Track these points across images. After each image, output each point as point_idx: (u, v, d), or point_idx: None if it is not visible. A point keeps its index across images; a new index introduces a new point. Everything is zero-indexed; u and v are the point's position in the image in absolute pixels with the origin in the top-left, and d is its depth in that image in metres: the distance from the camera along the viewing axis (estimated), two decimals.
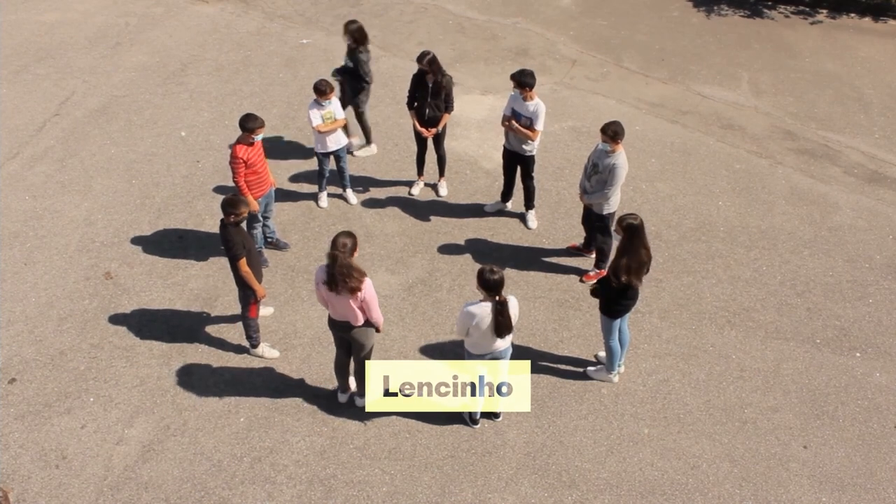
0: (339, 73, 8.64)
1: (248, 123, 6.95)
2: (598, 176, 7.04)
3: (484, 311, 5.51)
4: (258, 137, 7.04)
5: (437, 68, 7.86)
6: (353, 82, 8.62)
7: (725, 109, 10.30)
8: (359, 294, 5.62)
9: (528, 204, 8.28)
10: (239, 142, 7.04)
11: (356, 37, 8.43)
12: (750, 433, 6.38)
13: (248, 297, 6.52)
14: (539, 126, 7.53)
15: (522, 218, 8.38)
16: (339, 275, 5.51)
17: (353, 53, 8.50)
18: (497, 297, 5.48)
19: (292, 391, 6.62)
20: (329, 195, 8.58)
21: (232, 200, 6.16)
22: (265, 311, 7.09)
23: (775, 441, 6.33)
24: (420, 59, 7.79)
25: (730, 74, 10.99)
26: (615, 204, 7.24)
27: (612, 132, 6.75)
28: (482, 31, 11.90)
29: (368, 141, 9.24)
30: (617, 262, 5.97)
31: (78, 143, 9.37)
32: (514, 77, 7.43)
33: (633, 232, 5.91)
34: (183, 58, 11.09)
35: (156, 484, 5.92)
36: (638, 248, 5.94)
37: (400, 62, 11.01)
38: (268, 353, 6.89)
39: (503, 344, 5.75)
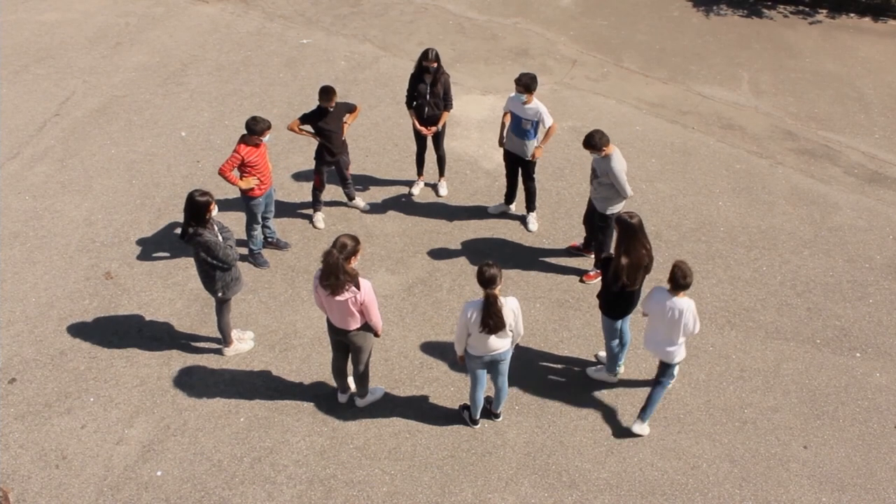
0: None
1: (256, 126, 6.96)
2: (598, 180, 7.07)
3: (479, 307, 5.51)
4: (263, 140, 7.06)
5: (440, 64, 7.87)
6: None
7: (725, 109, 10.31)
8: (357, 297, 5.62)
9: (529, 206, 8.27)
10: (244, 141, 7.03)
11: None
12: (750, 433, 6.38)
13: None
14: (549, 121, 7.57)
15: (523, 220, 8.38)
16: (325, 273, 5.51)
17: None
18: (487, 292, 5.46)
19: (292, 391, 6.62)
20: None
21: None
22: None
23: (775, 441, 6.33)
24: (426, 56, 7.76)
25: (730, 74, 10.99)
26: (620, 203, 7.24)
27: (590, 145, 6.85)
28: (482, 31, 11.91)
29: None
30: (617, 264, 5.95)
31: (78, 143, 9.38)
32: (522, 82, 7.37)
33: (627, 229, 5.89)
34: (183, 58, 11.09)
35: (156, 484, 5.92)
36: (636, 248, 5.92)
37: (400, 62, 11.01)
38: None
39: (501, 344, 5.74)
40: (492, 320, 5.50)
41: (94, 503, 5.82)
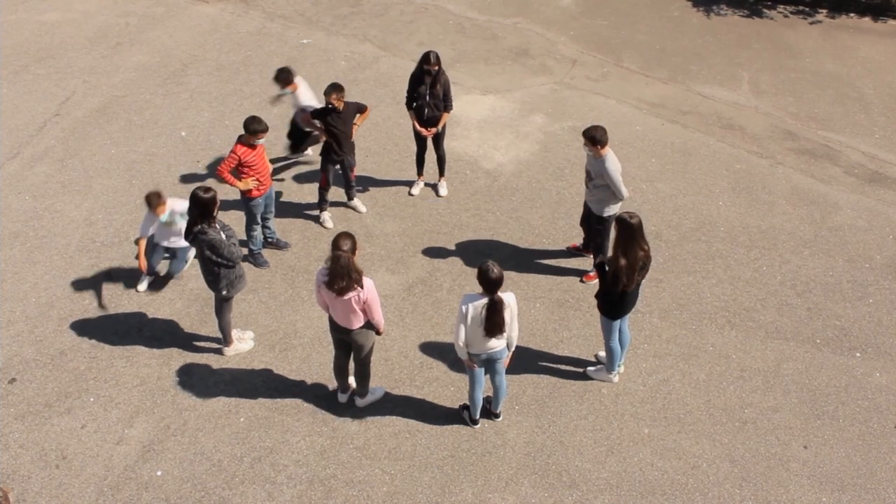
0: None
1: (251, 126, 6.97)
2: (593, 182, 7.06)
3: (481, 305, 5.52)
4: (259, 142, 7.07)
5: (441, 66, 7.88)
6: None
7: (725, 109, 10.31)
8: (360, 295, 5.63)
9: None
10: (240, 141, 7.06)
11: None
12: (750, 433, 6.38)
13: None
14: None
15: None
16: (337, 275, 5.51)
17: None
18: (493, 296, 5.48)
19: (292, 391, 6.62)
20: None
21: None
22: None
23: (775, 441, 6.33)
24: (427, 59, 7.77)
25: (730, 74, 10.99)
26: (616, 206, 7.23)
27: (590, 137, 6.80)
28: (482, 31, 11.91)
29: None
30: (616, 265, 5.95)
31: (78, 143, 9.38)
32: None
33: (626, 230, 5.89)
34: (183, 58, 11.09)
35: (156, 484, 5.93)
36: (634, 248, 5.92)
37: (400, 62, 11.01)
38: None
39: (497, 343, 5.75)
40: (494, 325, 5.54)
41: (94, 503, 5.82)
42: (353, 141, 7.88)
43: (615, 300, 6.13)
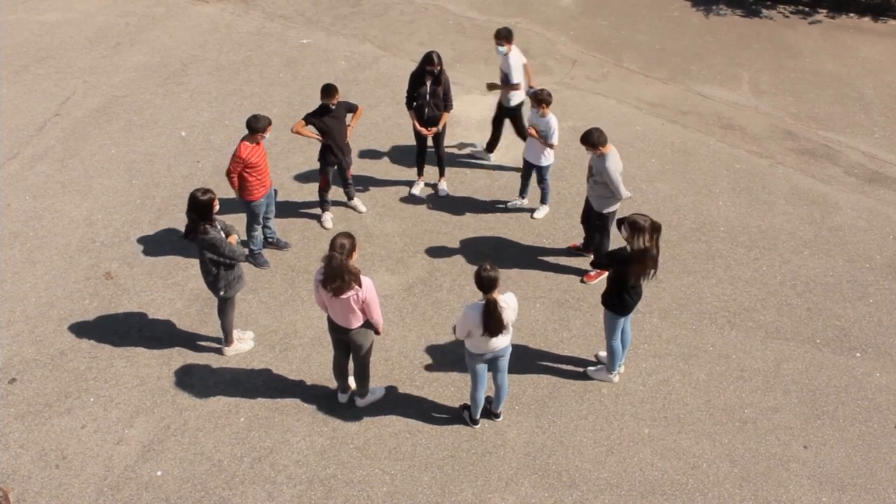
0: None
1: (258, 124, 6.99)
2: (594, 178, 7.09)
3: (478, 308, 5.53)
4: (266, 136, 7.09)
5: (442, 66, 7.89)
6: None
7: (725, 109, 10.31)
8: (359, 295, 5.63)
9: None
10: (244, 140, 7.06)
11: None
12: (750, 433, 6.38)
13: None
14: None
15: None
16: (330, 276, 5.52)
17: None
18: (487, 297, 5.48)
19: (292, 391, 6.62)
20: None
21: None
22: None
23: (775, 441, 6.33)
24: (430, 60, 7.77)
25: (730, 74, 10.99)
26: (616, 203, 7.25)
27: (588, 142, 6.90)
28: (482, 31, 11.90)
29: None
30: (625, 254, 6.01)
31: (78, 143, 9.38)
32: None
33: (636, 230, 5.92)
34: (183, 58, 11.09)
35: (156, 484, 5.92)
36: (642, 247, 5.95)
37: (400, 62, 11.01)
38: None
39: (502, 343, 5.75)
40: (492, 325, 5.53)
41: (94, 503, 5.82)
42: (348, 141, 7.89)
43: (622, 296, 6.12)
